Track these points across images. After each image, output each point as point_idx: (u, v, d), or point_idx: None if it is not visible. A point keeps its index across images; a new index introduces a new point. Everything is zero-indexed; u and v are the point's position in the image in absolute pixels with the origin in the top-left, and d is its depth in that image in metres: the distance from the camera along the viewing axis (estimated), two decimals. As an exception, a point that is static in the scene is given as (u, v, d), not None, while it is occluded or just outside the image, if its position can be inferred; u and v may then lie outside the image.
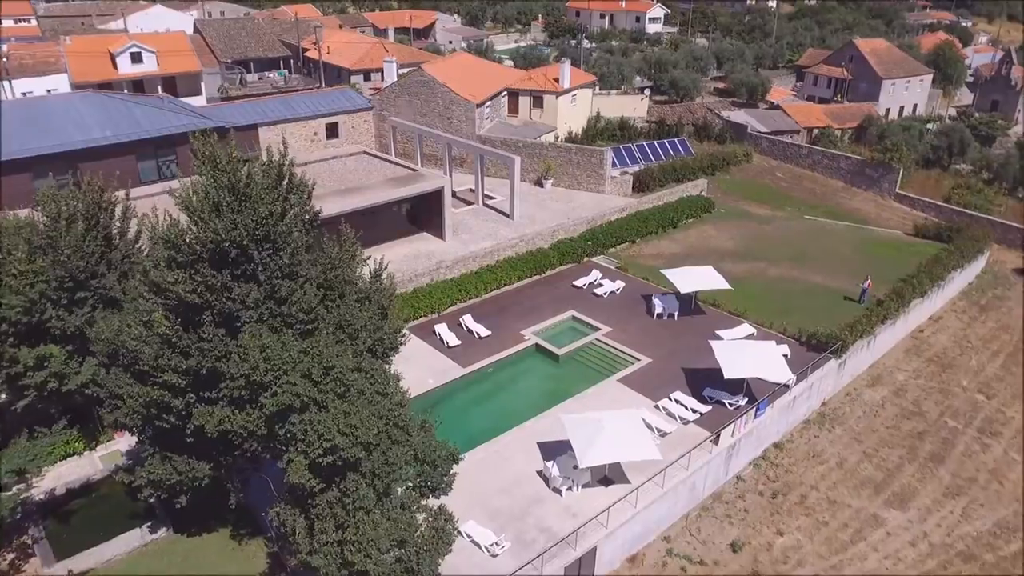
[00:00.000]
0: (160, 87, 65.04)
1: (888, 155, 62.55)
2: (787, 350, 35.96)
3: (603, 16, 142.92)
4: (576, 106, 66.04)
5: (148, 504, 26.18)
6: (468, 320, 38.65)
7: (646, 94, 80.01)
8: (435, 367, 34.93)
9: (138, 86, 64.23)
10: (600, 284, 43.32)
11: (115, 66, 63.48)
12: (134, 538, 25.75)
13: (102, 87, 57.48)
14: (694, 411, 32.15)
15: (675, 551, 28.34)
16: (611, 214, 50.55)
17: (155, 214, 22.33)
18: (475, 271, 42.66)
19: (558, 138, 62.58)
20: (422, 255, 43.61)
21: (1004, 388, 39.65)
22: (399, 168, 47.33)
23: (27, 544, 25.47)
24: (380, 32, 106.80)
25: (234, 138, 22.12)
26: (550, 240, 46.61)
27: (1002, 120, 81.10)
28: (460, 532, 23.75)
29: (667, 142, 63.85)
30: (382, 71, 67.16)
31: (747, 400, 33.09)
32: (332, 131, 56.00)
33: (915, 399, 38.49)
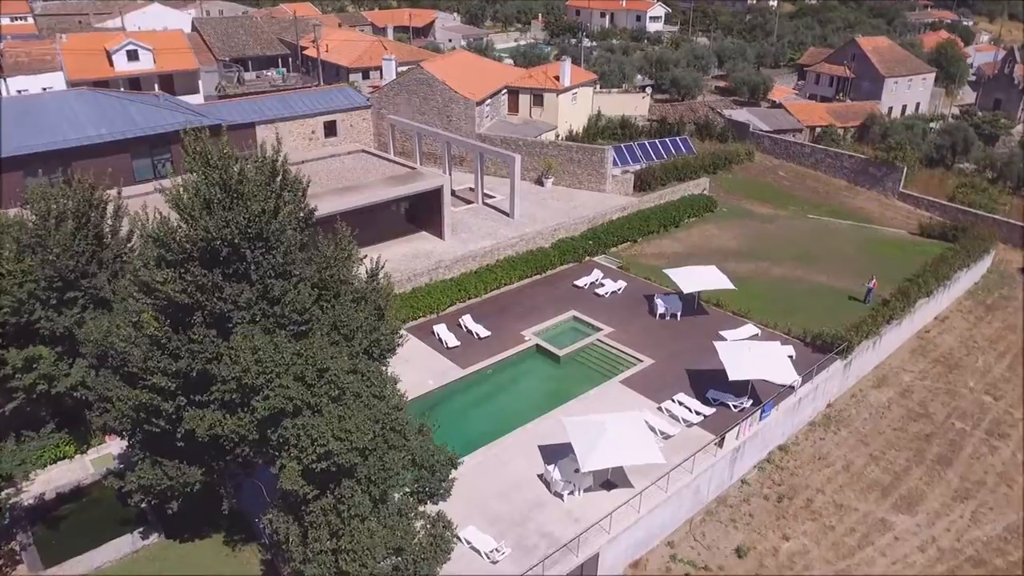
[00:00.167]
0: (157, 85, 64.36)
1: (892, 154, 62.07)
2: (792, 351, 35.38)
3: (603, 15, 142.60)
4: (577, 104, 65.47)
5: (140, 509, 25.53)
6: (467, 320, 38.11)
7: (647, 92, 79.47)
8: (434, 368, 34.39)
9: (135, 84, 63.65)
10: (601, 284, 42.75)
11: (111, 64, 62.93)
12: (125, 544, 25.16)
13: (98, 85, 56.84)
14: (698, 413, 31.59)
15: (679, 556, 27.77)
16: (612, 213, 50.00)
17: (145, 212, 21.75)
18: (475, 271, 42.11)
19: (559, 136, 62.01)
20: (421, 254, 43.03)
21: (1012, 389, 39.07)
22: (398, 166, 46.68)
23: (15, 551, 24.85)
24: (379, 31, 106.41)
25: (226, 134, 21.40)
26: (551, 239, 46.05)
27: (1005, 119, 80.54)
28: (459, 538, 23.20)
29: (668, 141, 63.37)
30: (381, 69, 66.59)
31: (752, 402, 32.51)
32: (330, 129, 55.52)
33: (921, 400, 37.92)
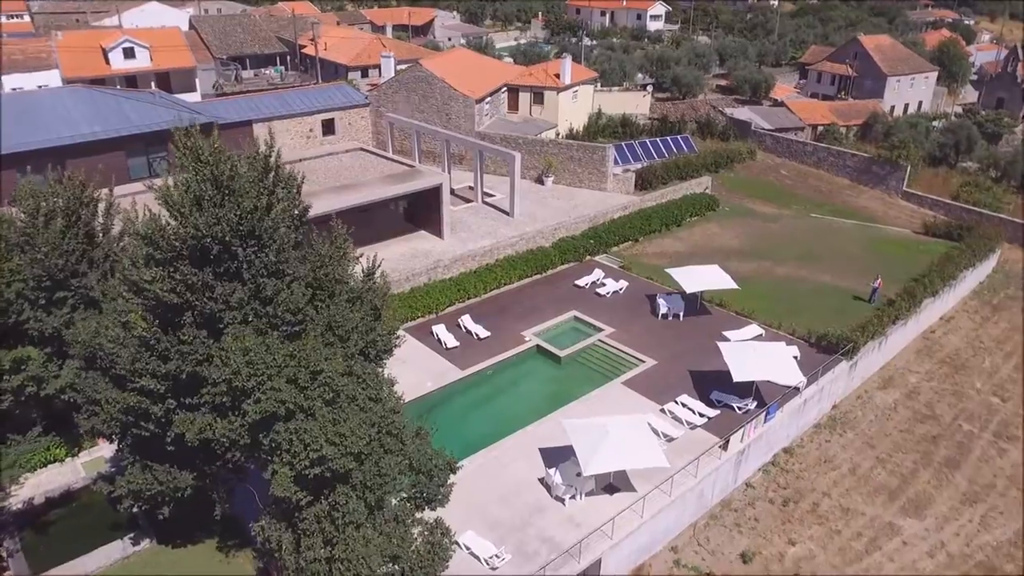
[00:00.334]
0: (154, 83, 63.84)
1: (895, 152, 61.42)
2: (797, 351, 34.80)
3: (604, 14, 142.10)
4: (577, 102, 64.85)
5: (131, 514, 24.94)
6: (467, 321, 37.53)
7: (648, 91, 78.80)
8: (433, 369, 33.81)
9: (131, 82, 63.07)
10: (603, 283, 42.15)
11: (107, 62, 62.27)
12: (115, 550, 24.55)
13: (94, 83, 56.21)
14: (701, 415, 31.01)
15: (683, 562, 27.18)
16: (613, 212, 49.42)
17: (134, 209, 21.15)
18: (474, 270, 41.52)
19: (559, 135, 61.40)
20: (419, 254, 42.43)
21: (1019, 390, 38.46)
22: (396, 165, 46.04)
23: (1, 557, 24.23)
24: (378, 29, 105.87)
25: (218, 129, 20.79)
26: (551, 238, 45.46)
27: (1008, 118, 79.95)
28: (458, 544, 22.64)
29: (670, 139, 62.81)
30: (380, 67, 66.00)
31: (756, 403, 31.92)
32: (328, 127, 54.95)
33: (928, 402, 37.33)
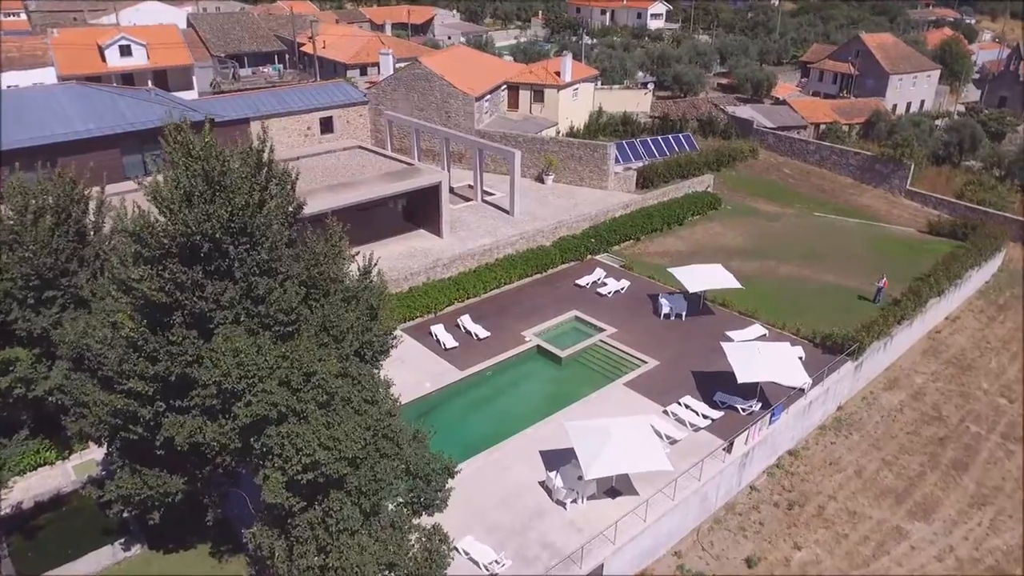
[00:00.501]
0: (151, 81, 63.30)
1: (899, 151, 60.86)
2: (801, 352, 34.23)
3: (604, 12, 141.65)
4: (578, 100, 64.31)
5: (122, 519, 24.36)
6: (466, 321, 36.97)
7: (649, 89, 78.30)
8: (431, 370, 33.24)
9: (128, 80, 62.51)
10: (604, 283, 41.59)
11: (104, 59, 61.71)
12: (106, 555, 24.00)
13: (90, 81, 55.61)
14: (705, 417, 30.43)
15: (687, 567, 26.58)
16: (615, 211, 48.86)
17: (124, 206, 20.57)
18: (473, 269, 40.97)
19: (559, 133, 60.85)
20: (418, 253, 41.87)
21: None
22: (395, 163, 45.46)
23: (-11, 563, 23.75)
24: (377, 27, 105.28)
25: (210, 125, 20.21)
26: (552, 237, 44.90)
27: (1011, 116, 79.43)
28: (457, 549, 22.02)
29: (671, 137, 62.30)
30: (378, 65, 65.44)
31: (760, 405, 31.35)
32: (327, 125, 54.36)
33: (934, 403, 36.75)
